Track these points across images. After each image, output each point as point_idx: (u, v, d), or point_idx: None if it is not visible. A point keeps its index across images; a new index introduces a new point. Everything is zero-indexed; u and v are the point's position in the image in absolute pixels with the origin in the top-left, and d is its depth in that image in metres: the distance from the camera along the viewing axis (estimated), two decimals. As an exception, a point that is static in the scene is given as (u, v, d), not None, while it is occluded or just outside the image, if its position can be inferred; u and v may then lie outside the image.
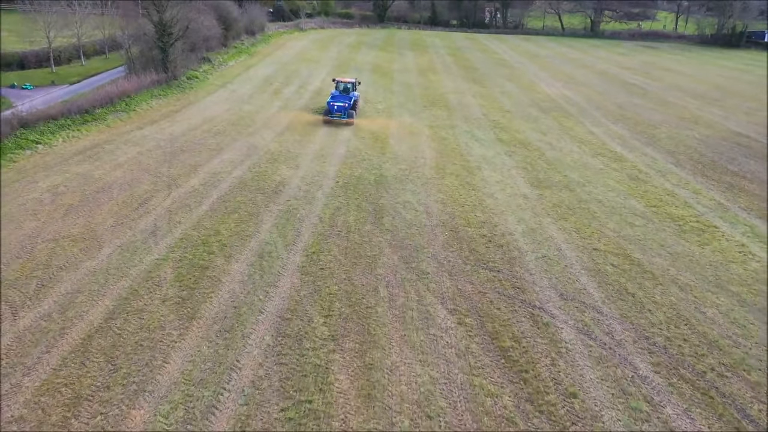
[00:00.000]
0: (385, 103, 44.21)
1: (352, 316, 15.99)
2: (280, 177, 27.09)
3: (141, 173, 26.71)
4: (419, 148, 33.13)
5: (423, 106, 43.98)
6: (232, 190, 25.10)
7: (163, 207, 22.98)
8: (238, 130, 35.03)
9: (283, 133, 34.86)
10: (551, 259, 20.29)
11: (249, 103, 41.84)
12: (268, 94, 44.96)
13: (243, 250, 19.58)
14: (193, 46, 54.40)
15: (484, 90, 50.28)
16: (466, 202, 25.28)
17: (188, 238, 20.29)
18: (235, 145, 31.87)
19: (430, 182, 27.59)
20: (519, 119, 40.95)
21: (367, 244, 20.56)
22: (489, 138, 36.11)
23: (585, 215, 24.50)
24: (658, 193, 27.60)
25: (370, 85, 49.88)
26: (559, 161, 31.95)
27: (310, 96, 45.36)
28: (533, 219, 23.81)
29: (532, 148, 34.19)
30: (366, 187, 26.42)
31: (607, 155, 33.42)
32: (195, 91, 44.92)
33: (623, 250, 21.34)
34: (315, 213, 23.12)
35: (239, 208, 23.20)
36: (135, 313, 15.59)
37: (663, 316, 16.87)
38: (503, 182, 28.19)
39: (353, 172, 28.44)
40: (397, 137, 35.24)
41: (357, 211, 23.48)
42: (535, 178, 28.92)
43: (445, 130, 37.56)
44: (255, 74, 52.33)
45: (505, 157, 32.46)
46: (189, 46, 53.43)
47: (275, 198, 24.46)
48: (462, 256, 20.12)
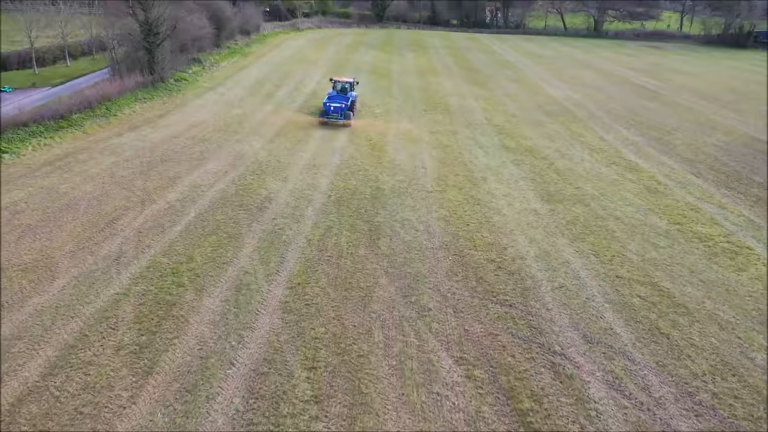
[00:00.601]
0: (383, 107, 41.62)
1: (341, 368, 13.41)
2: (267, 191, 24.49)
3: (113, 187, 24.10)
4: (419, 157, 30.55)
5: (423, 110, 41.39)
6: (212, 207, 22.49)
7: (132, 227, 20.38)
8: (224, 136, 32.43)
9: (273, 140, 32.25)
10: (570, 289, 17.71)
11: (239, 107, 39.22)
12: (259, 98, 42.35)
13: (218, 282, 16.99)
14: (182, 47, 51.80)
15: (486, 93, 47.68)
16: (471, 219, 22.69)
17: (157, 266, 17.70)
18: (220, 154, 29.27)
19: (431, 196, 25.01)
20: (525, 124, 38.35)
21: (360, 273, 17.97)
22: (493, 145, 33.52)
23: (603, 235, 21.92)
24: (680, 208, 25.01)
25: (367, 87, 47.25)
26: (570, 171, 29.37)
27: (304, 99, 42.75)
28: (546, 239, 21.23)
29: (540, 157, 31.61)
30: (361, 202, 23.83)
31: (621, 164, 30.84)
32: (182, 93, 42.30)
33: (649, 277, 18.77)
34: (303, 234, 20.52)
35: (218, 228, 20.60)
36: (81, 366, 13.00)
37: (706, 365, 14.29)
38: (511, 195, 25.60)
39: (347, 184, 25.85)
40: (396, 144, 32.65)
41: (350, 232, 20.88)
42: (546, 191, 26.34)
43: (446, 136, 34.97)
44: (247, 76, 49.70)
45: (512, 166, 29.88)
46: (178, 46, 50.84)
47: (259, 216, 21.86)
48: (468, 286, 17.54)
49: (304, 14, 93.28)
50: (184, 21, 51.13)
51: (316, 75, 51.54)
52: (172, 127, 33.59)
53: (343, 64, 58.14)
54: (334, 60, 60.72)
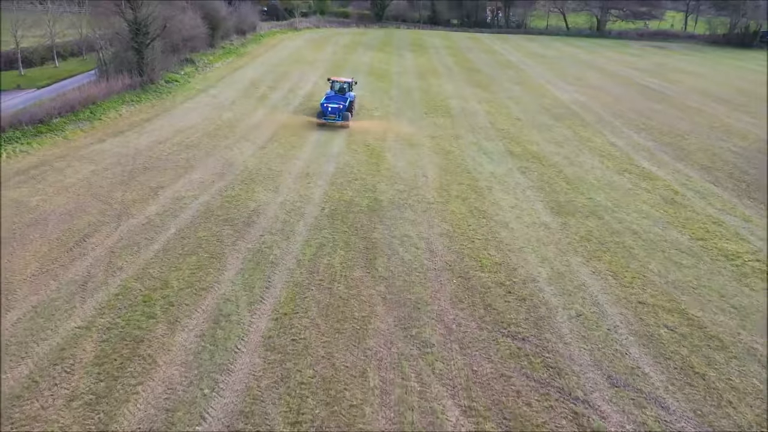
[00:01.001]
0: (382, 110, 39.68)
1: (330, 423, 11.48)
2: (255, 203, 22.54)
3: (88, 199, 22.15)
4: (420, 164, 28.62)
5: (423, 112, 39.45)
6: (194, 222, 20.54)
7: (105, 246, 18.45)
8: (214, 142, 30.49)
9: (264, 146, 30.31)
10: (589, 318, 15.78)
11: (230, 110, 37.27)
12: (253, 100, 40.40)
13: (194, 312, 15.06)
14: (175, 47, 49.85)
15: (489, 95, 45.73)
16: (477, 235, 20.76)
17: (127, 293, 15.76)
18: (208, 162, 27.33)
19: (433, 208, 23.08)
20: (530, 128, 36.41)
21: (355, 300, 16.04)
22: (498, 151, 31.58)
23: (620, 252, 19.99)
24: (701, 221, 23.08)
25: (366, 89, 45.31)
26: (580, 180, 27.45)
27: (299, 101, 40.81)
28: (559, 258, 19.30)
29: (548, 164, 29.68)
30: (357, 215, 21.90)
31: (634, 172, 28.91)
32: (172, 96, 40.35)
33: (675, 303, 16.85)
34: (292, 253, 18.58)
35: (199, 247, 18.66)
36: (24, 423, 11.07)
37: (751, 414, 12.38)
38: (519, 207, 23.67)
39: (343, 195, 23.91)
40: (395, 150, 30.73)
41: (345, 250, 18.94)
42: (556, 202, 24.41)
43: (448, 141, 33.04)
44: (241, 77, 47.74)
45: (518, 174, 27.95)
46: (170, 46, 48.90)
47: (246, 232, 19.92)
48: (475, 315, 15.62)
49: (302, 14, 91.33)
50: (175, 20, 49.20)
51: (313, 76, 49.60)
52: (159, 132, 31.64)
53: (340, 65, 56.19)
54: (332, 60, 58.78)
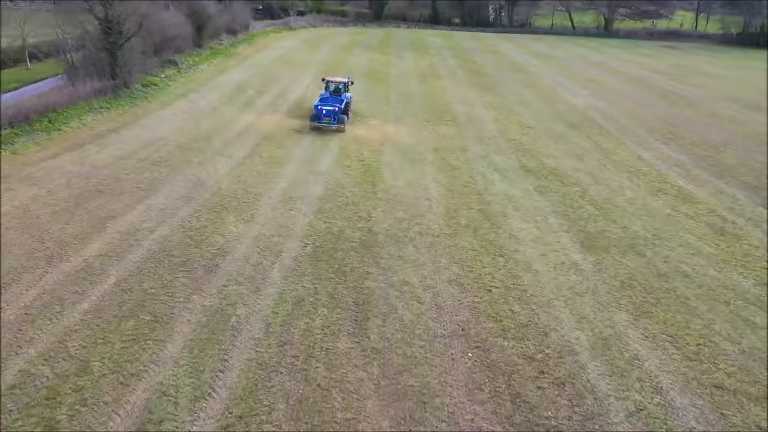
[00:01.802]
0: (379, 117, 35.49)
1: None
2: (223, 238, 18.36)
3: (18, 235, 17.98)
4: (422, 183, 24.47)
5: (425, 120, 35.25)
6: (142, 267, 16.38)
7: (18, 306, 14.28)
8: (185, 157, 26.32)
9: (243, 161, 26.14)
10: (655, 417, 11.65)
11: (210, 118, 33.07)
12: (236, 106, 36.18)
13: (113, 416, 10.88)
14: (157, 47, 45.68)
15: (497, 99, 41.51)
16: (494, 281, 16.60)
17: (28, 384, 11.61)
18: (175, 182, 23.16)
19: (439, 243, 18.92)
20: (545, 138, 32.22)
21: (338, 389, 11.88)
22: (511, 166, 27.41)
23: (674, 305, 15.83)
24: (764, 258, 18.89)
25: (363, 93, 41.12)
26: (609, 203, 23.28)
27: (288, 108, 36.62)
28: (600, 315, 15.13)
29: (569, 182, 25.51)
30: (346, 254, 17.74)
31: (670, 192, 24.75)
32: (148, 102, 36.15)
33: (761, 386, 12.65)
34: (261, 313, 14.42)
35: (142, 305, 14.49)
36: None
37: None
38: (541, 240, 19.50)
39: (330, 226, 19.74)
40: (394, 166, 26.57)
41: (328, 308, 14.78)
42: (585, 233, 20.25)
43: (454, 154, 28.87)
44: (227, 80, 43.52)
45: (537, 196, 23.77)
46: (151, 46, 44.73)
47: (205, 281, 15.75)
48: (502, 414, 11.47)
49: (299, 12, 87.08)
50: (155, 18, 45.05)
51: (305, 79, 45.39)
52: (124, 145, 27.46)
53: (335, 67, 51.96)
54: (326, 62, 54.54)
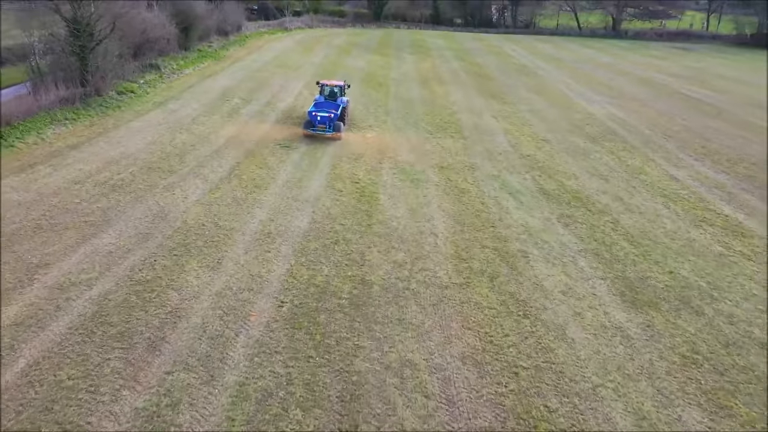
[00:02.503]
0: (378, 128, 31.70)
1: None
2: (179, 295, 14.57)
3: None
4: (426, 212, 20.70)
5: (428, 132, 31.47)
6: (66, 342, 12.60)
7: None
8: (152, 180, 22.52)
9: (218, 185, 22.34)
10: None
11: (188, 131, 29.27)
12: (219, 117, 32.36)
13: None
14: (136, 50, 41.90)
15: (506, 108, 37.68)
16: (521, 357, 12.84)
17: None
18: (133, 214, 19.36)
19: (448, 298, 15.16)
20: (563, 154, 28.44)
21: None
22: (527, 188, 23.64)
23: (758, 395, 12.01)
24: None
25: (360, 100, 37.37)
26: (647, 237, 19.53)
27: (276, 117, 32.82)
28: (665, 415, 11.38)
29: (596, 209, 21.74)
30: (332, 318, 13.96)
31: (716, 222, 20.98)
32: (122, 111, 32.34)
33: None
34: (212, 421, 10.60)
35: (48, 409, 10.67)
36: None
37: None
38: (573, 292, 15.75)
39: (315, 274, 15.96)
40: (393, 189, 22.81)
41: (304, 408, 11.02)
42: (624, 280, 16.50)
43: (462, 173, 25.10)
44: (212, 86, 39.68)
45: (561, 228, 20.01)
46: (131, 49, 40.96)
47: (145, 366, 11.98)
48: None
49: (295, 12, 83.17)
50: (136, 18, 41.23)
51: (298, 84, 41.57)
52: (83, 165, 23.66)
53: (331, 70, 48.14)
54: (322, 65, 50.70)
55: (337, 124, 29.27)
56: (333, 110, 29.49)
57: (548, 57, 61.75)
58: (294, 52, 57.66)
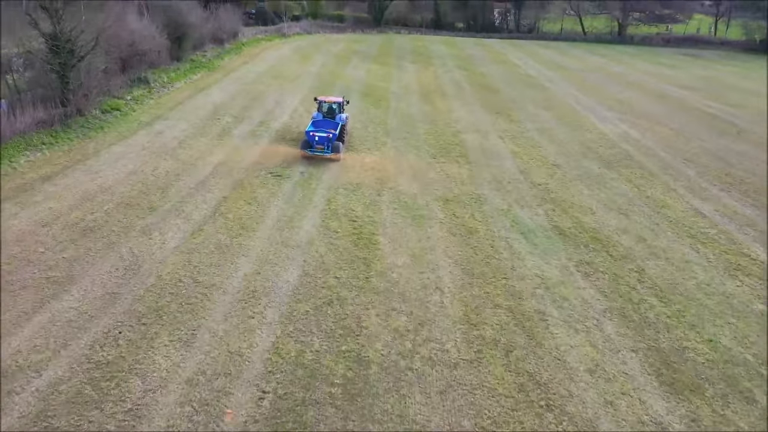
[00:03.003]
0: (377, 151, 29.46)
1: None
2: (142, 384, 12.37)
3: None
4: (431, 260, 18.53)
5: (431, 155, 29.27)
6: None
7: None
8: (128, 220, 20.31)
9: (201, 226, 20.13)
10: None
11: (173, 157, 27.06)
12: (208, 139, 30.14)
13: None
14: (124, 63, 39.66)
15: (513, 126, 35.42)
16: (547, 472, 10.58)
17: None
18: (103, 266, 17.17)
19: (457, 382, 12.99)
20: (576, 182, 26.22)
21: None
22: (541, 226, 21.45)
23: None
24: None
25: (358, 117, 35.20)
26: (678, 292, 17.36)
27: (270, 139, 30.62)
28: None
29: (618, 254, 19.55)
30: (322, 412, 11.78)
31: (752, 272, 18.81)
32: (105, 133, 30.14)
33: None
34: None
35: None
36: None
37: None
38: (602, 370, 13.56)
39: (303, 350, 13.76)
40: (393, 229, 20.61)
41: None
42: (658, 352, 14.34)
43: (469, 207, 22.91)
44: (203, 102, 37.44)
45: (581, 279, 17.82)
46: (118, 62, 38.76)
47: (91, 492, 9.76)
48: None
49: (293, 17, 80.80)
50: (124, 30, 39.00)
51: (294, 99, 39.34)
52: (54, 202, 21.44)
53: (329, 82, 45.93)
54: (319, 75, 48.42)
55: (336, 145, 27.72)
56: (331, 130, 27.99)
57: (554, 65, 59.42)
58: (291, 61, 55.37)
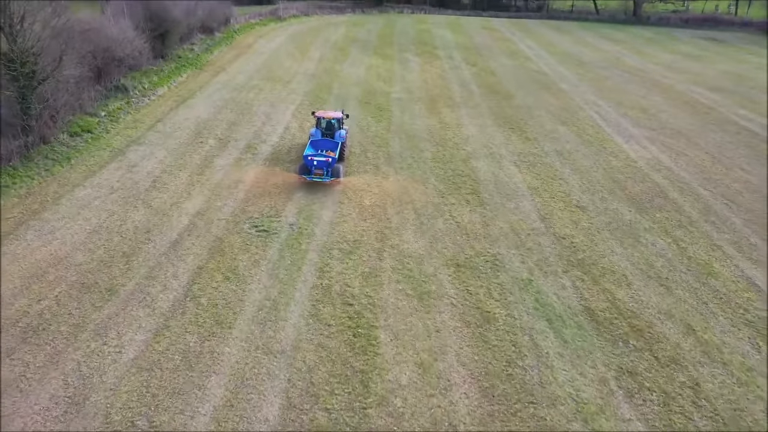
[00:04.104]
0: (377, 188, 25.76)
1: None
2: None
3: None
4: (441, 370, 15.42)
5: (439, 192, 25.74)
6: None
7: None
8: (82, 310, 16.95)
9: (168, 319, 16.71)
10: None
11: (145, 202, 23.48)
12: (188, 174, 26.46)
13: None
14: (99, 71, 35.51)
15: (529, 147, 31.52)
16: None
17: None
18: (38, 399, 13.77)
19: None
20: (605, 235, 22.66)
21: None
22: (569, 309, 18.10)
23: None
24: None
25: (357, 137, 31.62)
26: (740, 423, 13.90)
27: (258, 168, 26.94)
28: None
29: (663, 354, 16.34)
30: None
31: (830, 386, 15.28)
32: (71, 167, 26.52)
33: None
34: None
35: None
36: None
37: None
38: None
39: None
40: (396, 316, 17.35)
41: None
42: None
43: (484, 277, 19.57)
44: (185, 117, 33.52)
45: (625, 404, 14.70)
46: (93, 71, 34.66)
47: None
48: None
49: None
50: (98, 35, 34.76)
51: (286, 112, 35.39)
52: (-4, 284, 17.92)
53: (326, 83, 41.85)
54: (315, 76, 44.14)
55: (336, 169, 25.51)
56: (331, 153, 26.18)
57: (567, 57, 54.67)
58: (285, 54, 50.83)
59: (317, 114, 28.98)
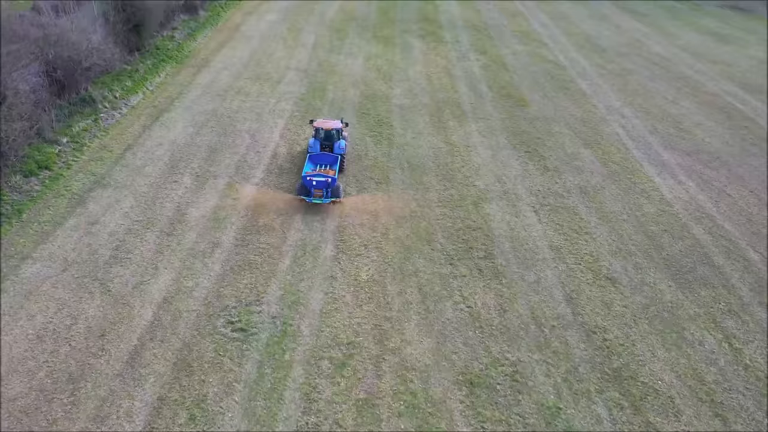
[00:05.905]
0: (375, 251, 21.67)
1: None
2: None
3: None
4: None
5: (447, 257, 21.80)
6: None
7: None
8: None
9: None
10: None
11: (102, 288, 19.50)
12: (156, 234, 22.27)
13: None
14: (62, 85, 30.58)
15: (549, 182, 27.07)
16: None
17: None
18: None
19: None
20: (642, 325, 18.92)
21: None
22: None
23: None
24: None
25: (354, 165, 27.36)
26: None
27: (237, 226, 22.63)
28: None
29: None
30: None
31: None
32: (22, 228, 22.34)
33: None
34: None
35: None
36: None
37: None
38: None
39: None
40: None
41: None
42: None
43: (501, 403, 16.02)
44: (160, 142, 28.91)
45: None
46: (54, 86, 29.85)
47: None
48: None
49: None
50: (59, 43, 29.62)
51: (275, 129, 30.72)
52: None
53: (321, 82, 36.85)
54: (309, 72, 38.87)
55: (336, 188, 23.76)
56: (330, 172, 24.44)
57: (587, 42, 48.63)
58: (277, 38, 45.11)
59: (316, 124, 26.65)
